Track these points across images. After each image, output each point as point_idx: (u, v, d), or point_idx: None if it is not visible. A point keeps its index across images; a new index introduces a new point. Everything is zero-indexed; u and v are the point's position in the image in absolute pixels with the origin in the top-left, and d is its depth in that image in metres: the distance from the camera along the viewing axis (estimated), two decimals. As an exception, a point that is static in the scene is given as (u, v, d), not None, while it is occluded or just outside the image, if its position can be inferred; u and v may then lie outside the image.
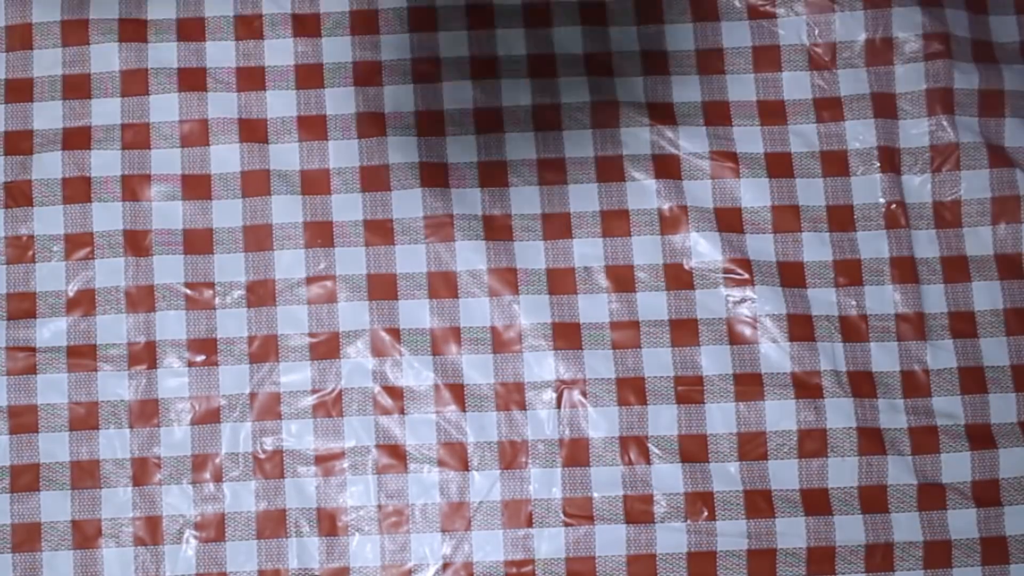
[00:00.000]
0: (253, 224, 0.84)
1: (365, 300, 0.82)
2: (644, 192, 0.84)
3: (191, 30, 0.86)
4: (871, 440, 0.82)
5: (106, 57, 0.86)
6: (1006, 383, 0.83)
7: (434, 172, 0.85)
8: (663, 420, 0.82)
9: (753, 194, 0.85)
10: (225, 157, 0.85)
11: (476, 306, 0.83)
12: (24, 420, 0.80)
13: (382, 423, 0.82)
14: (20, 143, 0.84)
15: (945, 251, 0.85)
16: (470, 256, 0.84)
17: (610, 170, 0.85)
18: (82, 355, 0.82)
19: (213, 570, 0.79)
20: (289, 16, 0.87)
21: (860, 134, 0.86)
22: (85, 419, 0.81)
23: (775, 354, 0.82)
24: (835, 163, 0.86)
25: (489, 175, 0.85)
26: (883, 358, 0.83)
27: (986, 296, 0.84)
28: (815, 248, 0.84)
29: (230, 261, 0.83)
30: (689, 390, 0.82)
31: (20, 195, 0.83)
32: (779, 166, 0.85)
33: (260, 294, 0.83)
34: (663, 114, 0.86)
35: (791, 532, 0.81)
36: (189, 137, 0.85)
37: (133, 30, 0.86)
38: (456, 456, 0.82)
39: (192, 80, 0.86)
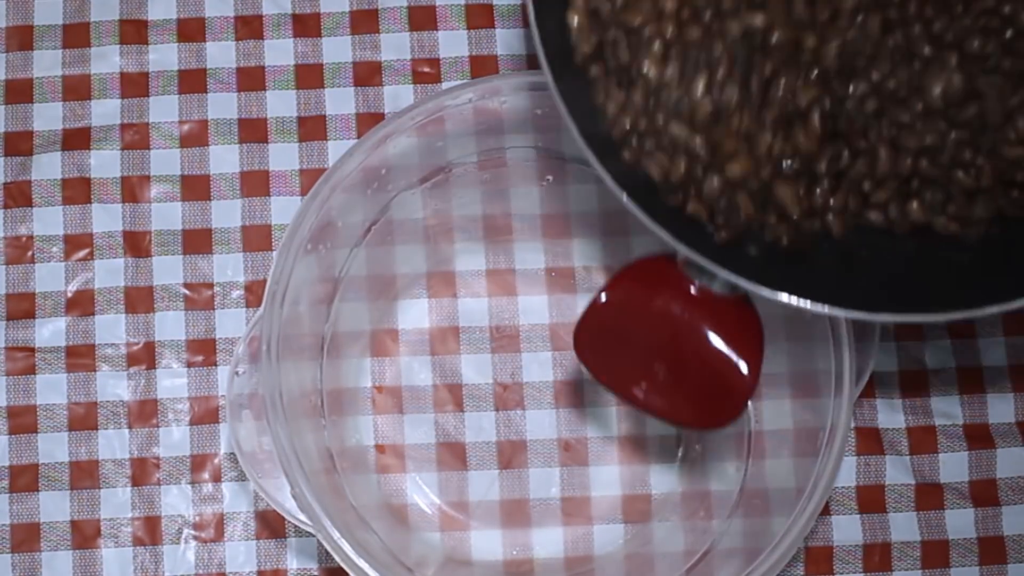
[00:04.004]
0: (252, 224, 0.84)
1: (364, 300, 0.82)
2: (642, 192, 0.84)
3: (191, 31, 0.86)
4: (869, 439, 0.82)
5: (106, 58, 0.86)
6: (1004, 383, 0.83)
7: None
8: (661, 419, 0.82)
9: (751, 194, 0.84)
10: (224, 157, 0.85)
11: (475, 306, 0.83)
12: (23, 420, 0.81)
13: (380, 423, 0.82)
14: (20, 144, 0.85)
15: (943, 251, 0.85)
16: (469, 256, 0.84)
17: (609, 170, 0.85)
18: (81, 355, 0.82)
19: (212, 570, 0.80)
20: (289, 16, 0.87)
21: (858, 134, 0.86)
22: (84, 419, 0.81)
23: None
24: (833, 163, 0.85)
25: (488, 175, 0.85)
26: (881, 357, 0.83)
27: (984, 296, 0.84)
28: (813, 248, 0.84)
29: (229, 261, 0.83)
30: (687, 390, 0.82)
31: (20, 195, 0.84)
32: (777, 166, 0.85)
33: (259, 294, 0.83)
34: (661, 114, 0.86)
35: (789, 532, 0.81)
36: (189, 137, 0.85)
37: (133, 31, 0.86)
38: (454, 456, 0.82)
39: (192, 80, 0.86)
